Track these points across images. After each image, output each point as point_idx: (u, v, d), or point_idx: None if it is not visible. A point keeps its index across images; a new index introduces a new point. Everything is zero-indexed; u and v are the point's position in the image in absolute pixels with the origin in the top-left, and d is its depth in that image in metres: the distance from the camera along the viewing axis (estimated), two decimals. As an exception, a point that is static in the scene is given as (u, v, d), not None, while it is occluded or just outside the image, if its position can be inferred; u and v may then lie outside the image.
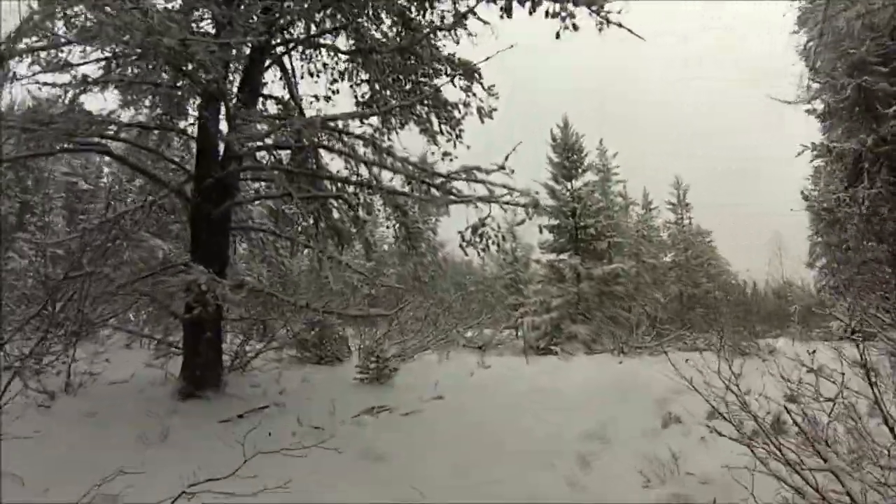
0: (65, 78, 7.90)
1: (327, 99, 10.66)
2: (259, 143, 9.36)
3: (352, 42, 10.01)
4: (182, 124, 9.99)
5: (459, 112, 10.11)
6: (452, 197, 8.75)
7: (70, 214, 28.25)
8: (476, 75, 9.70)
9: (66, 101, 8.14)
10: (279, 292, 10.45)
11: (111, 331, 11.57)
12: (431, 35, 9.63)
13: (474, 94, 9.82)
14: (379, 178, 9.00)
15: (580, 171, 24.24)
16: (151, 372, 10.05)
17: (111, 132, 8.82)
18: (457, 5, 9.34)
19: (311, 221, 10.35)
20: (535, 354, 19.98)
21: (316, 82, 10.86)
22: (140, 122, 9.43)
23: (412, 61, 9.89)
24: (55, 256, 11.54)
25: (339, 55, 10.38)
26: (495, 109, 9.44)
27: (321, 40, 10.26)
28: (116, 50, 7.65)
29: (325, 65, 10.64)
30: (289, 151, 9.76)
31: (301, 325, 13.15)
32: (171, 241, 11.78)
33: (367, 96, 10.43)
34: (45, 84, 7.89)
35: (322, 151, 9.68)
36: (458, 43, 9.81)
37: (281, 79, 10.48)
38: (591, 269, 22.99)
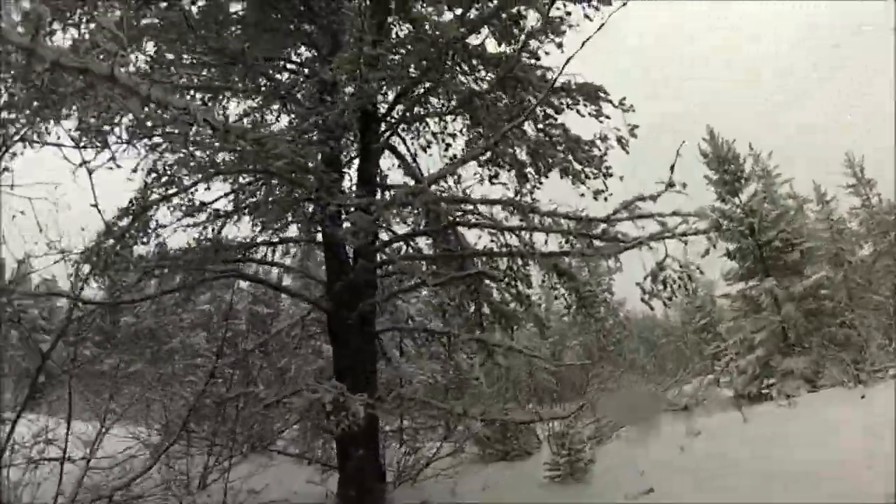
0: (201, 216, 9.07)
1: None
2: (389, 236, 9.58)
3: (449, 99, 9.82)
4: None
5: (599, 149, 9.46)
6: (620, 243, 7.96)
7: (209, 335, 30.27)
8: (601, 94, 9.08)
9: (206, 237, 9.19)
10: (436, 397, 10.19)
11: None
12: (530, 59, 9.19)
13: (607, 118, 9.14)
14: (530, 243, 8.52)
15: (743, 181, 22.31)
16: (312, 489, 9.93)
17: (240, 256, 9.50)
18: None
19: (473, 309, 10.01)
20: (747, 403, 17.87)
21: (431, 156, 10.84)
22: (267, 241, 10.01)
23: (518, 88, 9.33)
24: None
25: (445, 118, 10.25)
26: (636, 127, 8.59)
27: (421, 111, 10.20)
28: (240, 180, 8.47)
29: (434, 134, 10.52)
30: (427, 238, 9.74)
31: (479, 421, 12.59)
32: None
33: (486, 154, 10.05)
34: (188, 226, 9.00)
35: (462, 229, 9.48)
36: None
37: (399, 166, 10.53)
38: (790, 288, 20.61)
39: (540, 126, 9.70)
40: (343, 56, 7.93)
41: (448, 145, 10.33)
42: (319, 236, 10.17)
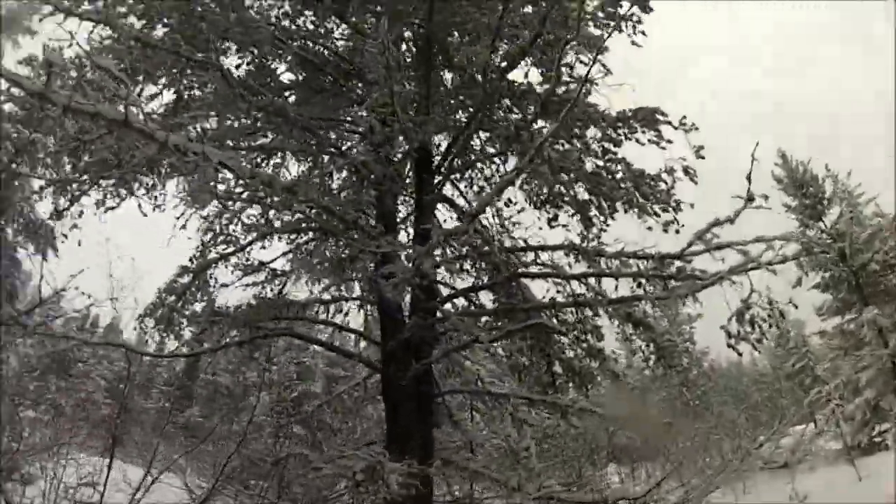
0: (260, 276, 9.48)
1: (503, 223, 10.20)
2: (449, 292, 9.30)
3: (497, 138, 9.56)
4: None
5: (665, 182, 8.96)
6: (698, 281, 7.33)
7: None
8: (658, 116, 8.67)
9: (264, 296, 9.54)
10: (505, 463, 9.79)
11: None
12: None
13: (669, 142, 8.69)
14: (599, 290, 8.01)
15: (826, 203, 21.14)
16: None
17: (292, 314, 9.57)
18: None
19: (545, 368, 9.56)
20: (859, 455, 16.42)
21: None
22: (318, 298, 10.08)
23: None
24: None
25: (496, 160, 10.02)
26: (702, 148, 8.07)
27: (471, 156, 10.02)
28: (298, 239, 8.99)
29: (487, 179, 10.32)
30: (490, 292, 9.49)
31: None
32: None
33: (544, 193, 9.62)
34: (247, 286, 9.39)
35: (526, 281, 9.17)
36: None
37: (457, 218, 10.13)
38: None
39: (599, 163, 9.34)
40: (375, 97, 7.82)
41: (501, 189, 9.95)
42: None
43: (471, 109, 8.80)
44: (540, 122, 8.99)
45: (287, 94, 9.61)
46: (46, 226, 14.97)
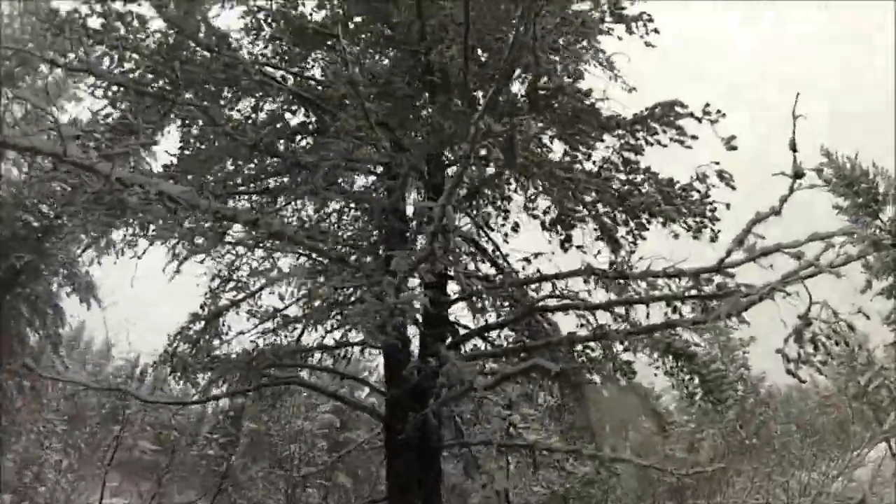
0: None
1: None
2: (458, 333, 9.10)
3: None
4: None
5: (698, 190, 8.21)
6: (743, 298, 6.41)
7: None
8: (678, 110, 8.10)
9: (276, 343, 9.67)
10: None
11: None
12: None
13: (694, 138, 8.18)
14: (630, 318, 7.34)
15: (881, 199, 19.94)
16: None
17: (296, 361, 9.82)
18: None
19: (579, 411, 9.50)
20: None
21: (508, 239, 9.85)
22: (321, 345, 10.02)
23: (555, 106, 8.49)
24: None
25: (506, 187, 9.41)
26: (733, 138, 7.29)
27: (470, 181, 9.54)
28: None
29: (491, 203, 9.71)
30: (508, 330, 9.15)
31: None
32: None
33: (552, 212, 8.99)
34: (262, 333, 9.52)
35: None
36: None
37: (473, 254, 9.98)
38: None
39: (622, 176, 8.77)
40: (343, 117, 7.66)
41: (506, 212, 9.49)
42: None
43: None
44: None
45: (293, 135, 9.50)
46: (89, 278, 16.55)
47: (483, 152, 9.33)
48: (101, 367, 35.19)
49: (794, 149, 5.82)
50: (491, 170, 9.35)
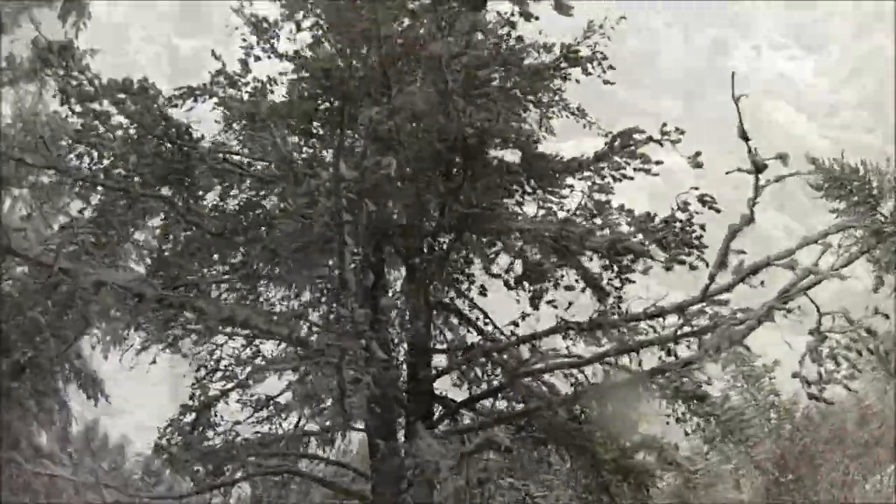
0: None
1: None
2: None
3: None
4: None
5: (680, 220, 7.75)
6: (737, 326, 6.12)
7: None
8: (636, 137, 7.65)
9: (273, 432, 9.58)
10: None
11: None
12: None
13: (658, 163, 7.76)
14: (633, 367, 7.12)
15: (880, 193, 19.61)
16: None
17: (284, 450, 9.67)
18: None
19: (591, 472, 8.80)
20: None
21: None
22: (308, 430, 9.92)
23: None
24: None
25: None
26: (699, 154, 7.05)
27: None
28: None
29: (462, 272, 9.31)
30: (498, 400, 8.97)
31: None
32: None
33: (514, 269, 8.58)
34: (257, 422, 9.35)
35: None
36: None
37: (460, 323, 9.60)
38: None
39: (598, 220, 8.37)
40: (284, 186, 7.85)
41: (469, 276, 9.23)
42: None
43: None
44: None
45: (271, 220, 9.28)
46: (95, 375, 16.34)
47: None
48: (118, 464, 35.27)
49: (744, 137, 5.54)
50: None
